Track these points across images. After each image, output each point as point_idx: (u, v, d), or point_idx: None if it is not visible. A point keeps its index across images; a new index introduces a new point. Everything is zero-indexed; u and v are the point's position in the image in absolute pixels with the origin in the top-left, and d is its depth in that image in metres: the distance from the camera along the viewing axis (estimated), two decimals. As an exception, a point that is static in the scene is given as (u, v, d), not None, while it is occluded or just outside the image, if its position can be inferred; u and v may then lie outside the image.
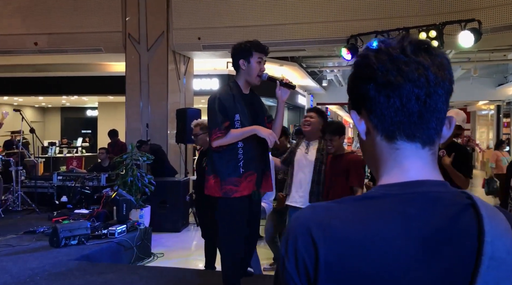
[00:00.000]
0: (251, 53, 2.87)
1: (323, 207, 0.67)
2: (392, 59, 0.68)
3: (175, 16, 7.67)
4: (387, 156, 0.71)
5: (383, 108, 0.69)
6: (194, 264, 5.01)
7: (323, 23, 7.05)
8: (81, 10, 7.86)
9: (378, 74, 0.68)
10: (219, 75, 11.72)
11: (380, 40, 0.72)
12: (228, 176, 2.84)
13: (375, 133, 0.72)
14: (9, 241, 4.74)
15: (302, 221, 0.66)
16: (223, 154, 2.86)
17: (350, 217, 0.64)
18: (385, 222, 0.63)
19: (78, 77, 12.28)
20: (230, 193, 2.83)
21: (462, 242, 0.63)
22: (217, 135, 2.81)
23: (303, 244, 0.64)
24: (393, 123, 0.69)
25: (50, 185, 7.09)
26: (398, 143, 0.70)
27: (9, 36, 8.07)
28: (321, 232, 0.63)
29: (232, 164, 2.85)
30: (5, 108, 13.97)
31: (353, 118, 0.74)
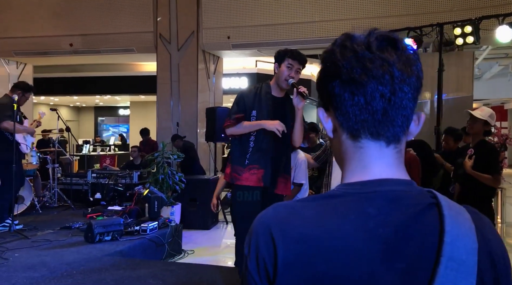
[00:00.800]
0: (284, 58, 3.05)
1: (285, 206, 0.67)
2: (356, 56, 0.67)
3: (205, 15, 7.74)
4: (351, 155, 0.70)
5: (348, 106, 0.68)
6: (223, 262, 5.05)
7: (354, 20, 6.96)
8: (114, 12, 8.05)
9: (342, 71, 0.67)
10: (248, 74, 11.76)
11: (347, 35, 0.71)
12: (235, 163, 3.09)
13: (341, 132, 0.71)
14: (47, 236, 4.91)
15: (263, 220, 0.66)
16: (237, 142, 3.11)
17: (309, 216, 0.64)
18: (342, 220, 0.63)
19: (111, 77, 12.60)
20: (234, 179, 3.08)
21: (422, 241, 0.62)
22: (227, 123, 3.07)
23: (264, 243, 0.64)
24: (357, 122, 0.68)
25: (85, 182, 7.29)
26: (362, 141, 0.69)
27: (45, 37, 8.35)
28: (280, 231, 0.63)
29: (240, 153, 3.08)
30: (42, 107, 14.48)
31: (320, 116, 0.73)
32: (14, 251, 4.29)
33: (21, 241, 4.66)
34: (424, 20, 6.38)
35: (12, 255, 4.15)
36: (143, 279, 3.52)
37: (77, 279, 3.54)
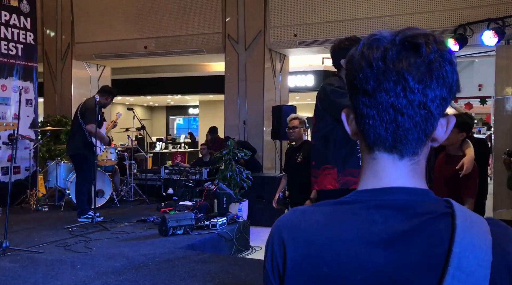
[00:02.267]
0: None
1: (301, 211, 0.71)
2: (370, 67, 0.65)
3: (272, 14, 7.79)
4: (366, 164, 0.71)
5: (363, 117, 0.68)
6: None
7: (427, 13, 6.64)
8: (185, 15, 8.36)
9: (357, 82, 0.67)
10: (314, 72, 11.67)
11: (369, 37, 0.68)
12: (346, 167, 2.72)
13: (361, 139, 0.72)
14: (124, 228, 5.24)
15: (278, 224, 0.72)
16: (339, 144, 2.74)
17: (318, 220, 0.67)
18: (348, 226, 0.65)
19: (181, 78, 13.09)
20: (350, 184, 2.71)
21: (430, 249, 0.61)
22: None
23: (277, 245, 0.69)
24: (370, 134, 0.68)
25: (158, 178, 7.67)
26: (376, 153, 0.69)
27: (122, 41, 8.87)
28: (290, 234, 0.68)
29: (351, 154, 2.74)
30: (119, 107, 15.38)
31: (342, 118, 0.74)
32: (97, 241, 4.62)
33: (102, 232, 5.02)
34: (507, 9, 5.93)
35: (95, 245, 4.48)
36: (214, 273, 3.64)
37: (153, 269, 3.75)
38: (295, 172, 4.11)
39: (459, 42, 6.11)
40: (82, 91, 9.35)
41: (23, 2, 7.45)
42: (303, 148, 4.14)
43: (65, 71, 9.42)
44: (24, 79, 7.37)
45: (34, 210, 6.46)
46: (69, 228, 5.15)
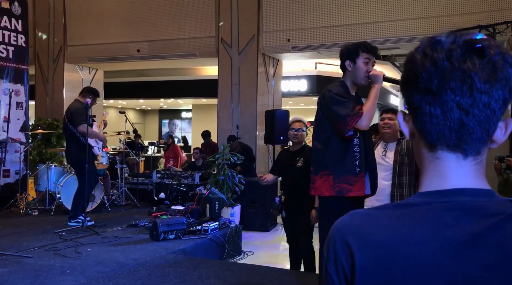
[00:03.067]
0: (358, 53, 2.80)
1: (361, 214, 0.70)
2: (435, 66, 0.66)
3: (266, 19, 7.81)
4: (428, 164, 0.71)
5: (425, 115, 0.68)
6: (282, 264, 5.05)
7: (419, 19, 6.70)
8: (178, 18, 8.35)
9: (420, 81, 0.67)
10: (307, 77, 11.69)
11: (430, 39, 0.69)
12: (342, 174, 2.73)
13: (419, 139, 0.71)
14: (115, 233, 5.19)
15: (339, 228, 0.70)
16: (337, 151, 2.76)
17: (386, 224, 0.66)
18: (419, 229, 0.64)
19: (174, 81, 13.07)
20: (344, 191, 2.73)
21: (505, 250, 0.61)
22: (356, 119, 2.66)
23: (341, 249, 0.68)
24: (433, 132, 0.68)
25: (150, 182, 7.63)
26: (439, 152, 0.69)
27: (115, 44, 8.84)
28: (356, 238, 0.67)
29: (347, 160, 2.74)
30: (111, 110, 15.30)
31: (399, 119, 0.74)
32: (87, 245, 4.57)
33: (92, 237, 4.96)
34: (496, 17, 6.00)
35: (85, 249, 4.43)
36: (205, 278, 3.61)
37: (143, 274, 3.71)
38: (294, 176, 4.06)
39: (450, 49, 6.15)
40: (74, 95, 9.23)
41: (14, 4, 7.39)
42: (303, 152, 4.06)
43: (57, 74, 9.36)
44: (15, 81, 7.31)
45: (24, 214, 6.38)
46: (59, 232, 5.09)
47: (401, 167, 3.53)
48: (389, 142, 3.64)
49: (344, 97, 2.75)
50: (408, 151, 3.54)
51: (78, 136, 5.54)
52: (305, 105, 15.13)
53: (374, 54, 2.84)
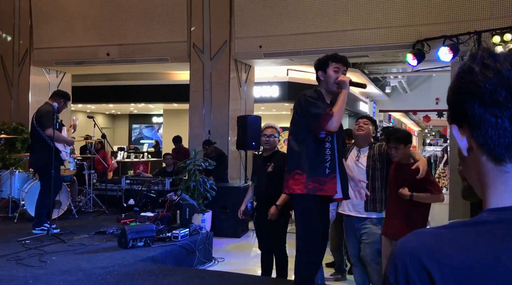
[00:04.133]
0: (328, 63, 3.05)
1: (431, 234, 0.66)
2: (501, 77, 0.65)
3: (238, 25, 7.83)
4: (495, 178, 0.68)
5: (490, 128, 0.66)
6: (253, 270, 5.04)
7: (387, 28, 6.87)
8: (149, 22, 8.26)
9: (485, 92, 0.65)
10: (279, 83, 11.78)
11: (486, 51, 0.69)
12: (314, 174, 2.92)
13: (479, 152, 0.68)
14: (82, 240, 5.05)
15: (409, 250, 0.64)
16: (310, 152, 2.95)
17: (464, 244, 0.62)
18: (501, 248, 0.61)
19: (145, 86, 12.90)
20: (315, 190, 2.92)
21: None
22: (327, 118, 2.86)
23: (415, 273, 0.62)
24: (500, 145, 0.66)
25: (119, 188, 7.47)
26: (508, 166, 0.66)
27: (84, 47, 8.65)
28: (433, 260, 0.62)
29: (318, 163, 2.94)
30: (79, 115, 14.95)
31: (454, 133, 0.71)
32: (52, 254, 4.43)
33: (58, 245, 4.81)
34: (461, 27, 6.22)
35: (50, 258, 4.29)
36: (175, 286, 3.55)
37: (111, 283, 3.62)
38: (265, 181, 4.07)
39: (417, 57, 6.34)
40: (41, 98, 9.00)
41: (-23, 4, 7.14)
42: (274, 157, 4.09)
43: (22, 77, 9.08)
44: (-23, 84, 7.04)
45: (-15, 222, 6.13)
46: (23, 240, 4.90)
47: (373, 172, 3.61)
48: (362, 147, 3.72)
49: (317, 100, 2.97)
50: (380, 156, 3.62)
51: (46, 139, 5.38)
52: (277, 111, 15.22)
53: (343, 63, 3.07)
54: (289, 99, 12.07)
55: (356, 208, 3.66)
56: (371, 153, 3.66)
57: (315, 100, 2.96)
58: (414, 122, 26.20)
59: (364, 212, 3.63)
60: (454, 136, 0.71)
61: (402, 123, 23.77)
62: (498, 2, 6.17)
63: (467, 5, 6.36)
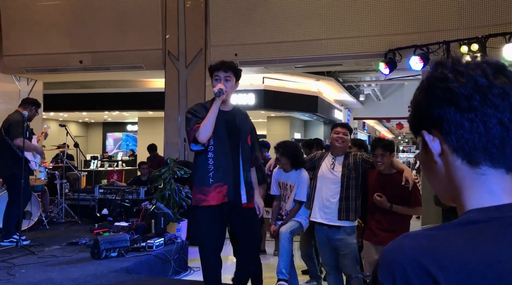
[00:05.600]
0: (211, 74, 3.21)
1: (423, 235, 0.65)
2: (475, 83, 0.67)
3: (213, 33, 7.84)
4: (472, 181, 0.69)
5: (466, 132, 0.67)
6: (229, 279, 5.01)
7: (360, 37, 7.01)
8: (123, 30, 8.18)
9: (460, 98, 0.67)
10: (255, 91, 11.84)
11: (455, 59, 0.71)
12: (200, 185, 3.08)
13: (453, 157, 0.70)
14: (53, 252, 4.91)
15: (406, 252, 0.63)
16: (197, 164, 3.13)
17: (460, 244, 0.62)
18: (497, 247, 0.62)
19: (119, 94, 12.73)
20: (200, 201, 3.07)
21: None
22: (192, 133, 3.02)
23: (417, 277, 0.61)
24: (476, 148, 0.68)
25: (92, 197, 7.32)
26: (483, 168, 0.69)
27: (56, 55, 8.48)
28: (433, 262, 0.61)
29: (202, 173, 3.08)
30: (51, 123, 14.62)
31: (426, 138, 0.72)
32: (21, 267, 4.29)
33: (28, 257, 4.68)
34: (430, 37, 6.40)
35: (19, 271, 4.16)
36: (149, 297, 3.50)
37: (83, 295, 3.53)
38: None
39: (389, 66, 6.49)
40: (10, 106, 8.74)
41: None
42: None
43: (-9, 85, 8.82)
44: None
45: (-50, 234, 5.89)
46: (-10, 253, 4.74)
47: (348, 181, 3.63)
48: (338, 155, 3.75)
49: (196, 112, 3.10)
50: (355, 165, 3.65)
51: (14, 149, 5.24)
52: (253, 118, 15.20)
53: (223, 70, 3.16)
54: (265, 107, 12.14)
55: (328, 216, 3.68)
56: (346, 162, 3.69)
57: (191, 114, 3.09)
58: (388, 130, 26.72)
59: (336, 220, 3.65)
60: (425, 141, 0.72)
61: (376, 130, 24.19)
62: (466, 13, 6.39)
63: (437, 15, 6.56)
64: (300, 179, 4.11)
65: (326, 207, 3.70)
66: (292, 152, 4.16)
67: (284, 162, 4.20)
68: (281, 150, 4.20)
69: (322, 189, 3.74)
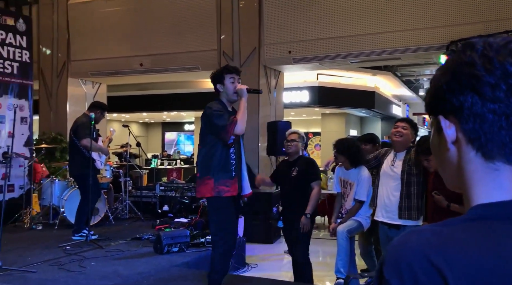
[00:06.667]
0: (223, 76, 3.46)
1: (430, 231, 0.61)
2: (504, 71, 0.61)
3: (267, 31, 7.87)
4: (483, 175, 0.65)
5: (485, 124, 0.62)
6: (286, 276, 5.02)
7: (420, 29, 6.73)
8: (180, 32, 8.43)
9: (485, 87, 0.62)
10: (309, 88, 11.75)
11: (485, 42, 0.64)
12: (221, 178, 3.31)
13: (468, 148, 0.65)
14: (119, 246, 5.18)
15: (413, 247, 0.60)
16: (218, 158, 3.32)
17: (468, 240, 0.59)
18: (507, 243, 0.59)
19: (177, 94, 13.13)
20: (223, 192, 3.30)
21: None
22: (232, 126, 3.26)
23: (424, 272, 0.58)
24: (493, 142, 0.63)
25: (153, 194, 7.62)
26: (497, 163, 0.64)
27: (118, 58, 8.91)
28: (441, 257, 0.58)
29: (226, 167, 3.32)
30: (114, 124, 15.39)
31: (442, 124, 0.67)
32: (91, 259, 4.57)
33: (96, 251, 4.96)
34: (496, 27, 6.03)
35: (89, 263, 4.43)
36: (209, 291, 3.59)
37: (147, 288, 3.70)
38: (289, 186, 4.09)
39: (451, 58, 6.17)
40: (78, 109, 9.33)
41: (19, 21, 7.50)
42: (298, 162, 4.11)
43: (60, 89, 9.43)
44: (19, 97, 7.37)
45: (28, 228, 6.39)
46: (63, 246, 5.09)
47: (408, 177, 3.51)
48: (399, 151, 3.64)
49: (222, 111, 3.35)
50: (416, 161, 3.51)
51: (82, 149, 5.58)
52: (307, 116, 15.16)
53: (237, 73, 3.51)
54: (319, 104, 12.01)
55: (389, 215, 3.58)
56: (407, 157, 3.56)
57: (220, 112, 3.32)
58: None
59: (397, 219, 3.54)
60: (440, 126, 0.67)
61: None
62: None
63: (503, 2, 6.16)
64: (360, 178, 4.04)
65: (387, 205, 3.60)
66: (349, 150, 4.10)
67: (341, 160, 4.15)
68: (337, 147, 4.16)
69: (383, 186, 3.65)
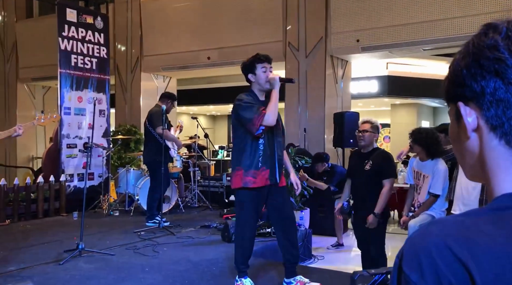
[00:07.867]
0: (254, 66, 3.44)
1: (451, 222, 0.59)
2: None
3: (334, 20, 7.72)
4: (508, 164, 0.62)
5: (509, 110, 0.59)
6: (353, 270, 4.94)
7: (498, 12, 6.23)
8: (246, 25, 8.52)
9: (509, 71, 0.59)
10: (378, 77, 11.37)
11: (507, 22, 0.61)
12: (250, 168, 3.35)
13: (490, 136, 0.62)
14: (189, 233, 5.40)
15: (433, 239, 0.56)
16: (245, 149, 3.36)
17: (493, 231, 0.56)
18: None
19: (242, 87, 13.29)
20: (250, 183, 3.34)
21: None
22: (260, 118, 3.25)
23: (446, 264, 0.54)
24: None
25: (220, 184, 7.83)
26: None
27: (187, 53, 9.21)
28: (466, 249, 0.54)
29: (253, 158, 3.35)
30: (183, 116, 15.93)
31: (461, 111, 0.64)
32: (163, 245, 4.80)
33: (168, 237, 5.20)
34: None
35: (162, 249, 4.66)
36: (276, 280, 3.64)
37: (216, 274, 3.83)
38: (362, 180, 3.92)
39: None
40: (150, 102, 9.79)
41: (97, 19, 7.99)
42: (373, 155, 3.82)
43: (134, 83, 9.95)
44: (98, 91, 7.88)
45: (106, 214, 6.84)
46: (138, 232, 5.39)
47: None
48: None
49: (251, 103, 3.34)
50: None
51: (156, 137, 5.85)
52: (375, 107, 14.70)
53: (268, 62, 3.47)
54: (389, 94, 11.58)
55: (467, 208, 3.39)
56: None
57: (249, 103, 3.32)
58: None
59: None
60: (459, 114, 0.64)
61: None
62: None
63: None
64: (436, 170, 3.84)
65: (465, 198, 3.42)
66: (426, 140, 3.90)
67: (417, 150, 3.97)
68: (413, 137, 3.98)
69: (461, 179, 3.46)
